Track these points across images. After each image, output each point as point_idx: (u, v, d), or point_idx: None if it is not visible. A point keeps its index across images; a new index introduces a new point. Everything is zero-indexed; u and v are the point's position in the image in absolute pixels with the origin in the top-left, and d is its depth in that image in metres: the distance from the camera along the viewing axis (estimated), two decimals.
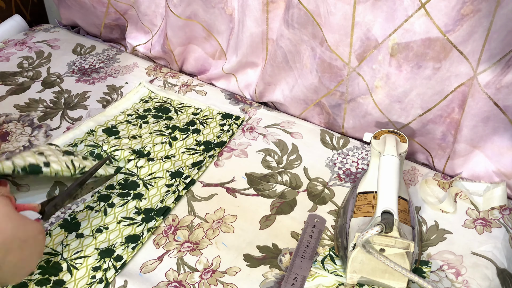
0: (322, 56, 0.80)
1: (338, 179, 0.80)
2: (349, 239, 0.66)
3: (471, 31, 0.65)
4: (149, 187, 0.77)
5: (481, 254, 0.68)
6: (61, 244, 0.69)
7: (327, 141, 0.87)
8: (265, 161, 0.83)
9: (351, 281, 0.64)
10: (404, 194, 0.70)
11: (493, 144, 0.74)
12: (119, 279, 0.65)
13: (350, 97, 0.82)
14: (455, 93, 0.73)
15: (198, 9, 0.93)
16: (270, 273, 0.66)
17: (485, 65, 0.67)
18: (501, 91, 0.67)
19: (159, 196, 0.75)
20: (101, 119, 0.90)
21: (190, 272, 0.66)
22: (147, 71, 1.04)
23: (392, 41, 0.71)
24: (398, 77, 0.74)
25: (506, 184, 0.75)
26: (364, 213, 0.67)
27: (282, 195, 0.77)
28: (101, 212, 0.73)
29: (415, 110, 0.77)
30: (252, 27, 0.86)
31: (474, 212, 0.74)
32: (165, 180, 0.78)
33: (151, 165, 0.80)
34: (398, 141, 0.69)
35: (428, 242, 0.70)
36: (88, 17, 1.14)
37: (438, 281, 0.65)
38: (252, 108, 0.94)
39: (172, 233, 0.71)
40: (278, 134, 0.88)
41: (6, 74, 1.02)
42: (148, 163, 0.81)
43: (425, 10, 0.66)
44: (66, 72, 1.03)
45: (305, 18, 0.77)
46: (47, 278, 0.64)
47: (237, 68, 0.96)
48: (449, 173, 0.82)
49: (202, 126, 0.88)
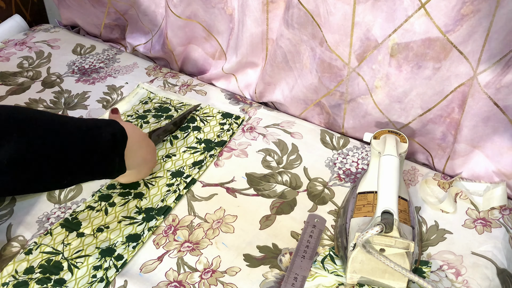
0: (322, 56, 0.80)
1: (338, 179, 0.80)
2: (349, 239, 0.66)
3: (471, 31, 0.65)
4: (150, 187, 0.77)
5: (481, 254, 0.68)
6: (62, 243, 0.69)
7: (327, 141, 0.87)
8: (265, 161, 0.83)
9: (351, 281, 0.64)
10: (404, 194, 0.70)
11: (493, 144, 0.74)
12: (119, 279, 0.65)
13: (350, 97, 0.82)
14: (455, 93, 0.73)
15: (198, 9, 0.93)
16: (270, 273, 0.66)
17: (485, 65, 0.67)
18: (501, 91, 0.67)
19: (160, 196, 0.75)
20: None
21: (190, 272, 0.66)
22: (147, 71, 1.04)
23: (392, 41, 0.71)
24: (398, 77, 0.74)
25: (506, 184, 0.75)
26: (364, 213, 0.67)
27: (282, 195, 0.77)
28: (102, 212, 0.73)
29: (415, 110, 0.77)
30: (252, 27, 0.86)
31: (474, 212, 0.74)
32: (165, 180, 0.78)
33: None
34: (398, 141, 0.69)
35: (428, 242, 0.70)
36: (88, 17, 1.14)
37: (438, 281, 0.65)
38: (252, 108, 0.94)
39: (172, 233, 0.71)
40: (278, 134, 0.88)
41: (6, 74, 1.02)
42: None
43: (425, 10, 0.66)
44: (66, 72, 1.03)
45: (304, 18, 0.77)
46: (48, 277, 0.64)
47: (237, 68, 0.96)
48: (449, 173, 0.82)
49: (202, 124, 0.89)
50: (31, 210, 0.74)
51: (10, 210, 0.74)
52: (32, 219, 0.73)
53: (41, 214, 0.74)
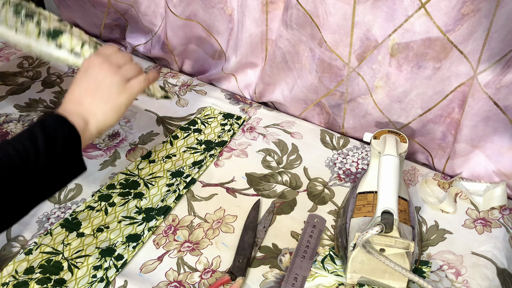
0: (322, 57, 0.80)
1: (338, 179, 0.80)
2: (349, 239, 0.66)
3: (471, 30, 0.65)
4: (150, 187, 0.77)
5: (481, 254, 0.68)
6: (62, 243, 0.69)
7: (327, 141, 0.87)
8: (265, 161, 0.83)
9: (351, 281, 0.64)
10: (404, 194, 0.70)
11: (493, 144, 0.74)
12: (119, 279, 0.65)
13: (350, 97, 0.82)
14: (455, 92, 0.73)
15: (198, 9, 0.93)
16: (270, 273, 0.66)
17: (485, 64, 0.67)
18: (501, 90, 0.67)
19: (160, 196, 0.75)
20: None
21: (190, 272, 0.66)
22: (147, 71, 1.04)
23: (392, 41, 0.71)
24: (398, 77, 0.74)
25: (506, 184, 0.75)
26: (364, 213, 0.67)
27: (282, 195, 0.77)
28: (102, 212, 0.73)
29: (415, 110, 0.77)
30: (252, 27, 0.86)
31: (474, 212, 0.74)
32: (165, 180, 0.78)
33: (152, 166, 0.80)
34: (398, 141, 0.69)
35: (428, 242, 0.70)
36: (88, 17, 1.14)
37: (438, 281, 0.65)
38: (252, 108, 0.94)
39: (172, 233, 0.71)
40: (278, 134, 0.88)
41: (6, 74, 1.02)
42: (149, 165, 0.81)
43: (425, 10, 0.66)
44: (66, 72, 1.03)
45: (303, 19, 0.77)
46: (48, 277, 0.64)
47: (237, 68, 0.96)
48: (449, 173, 0.82)
49: (203, 126, 0.88)
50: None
51: None
52: (32, 219, 0.73)
53: (41, 214, 0.74)
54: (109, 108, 0.59)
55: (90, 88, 0.59)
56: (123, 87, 0.60)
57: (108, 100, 0.59)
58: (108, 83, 0.60)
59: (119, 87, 0.60)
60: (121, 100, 0.60)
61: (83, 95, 0.59)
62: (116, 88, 0.60)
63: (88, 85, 0.59)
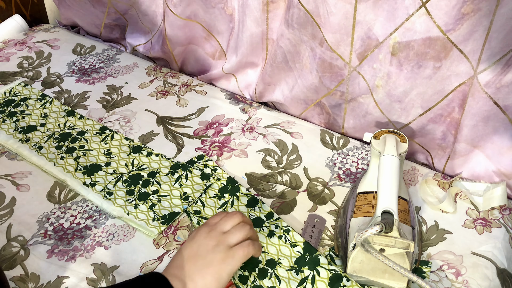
0: (322, 56, 0.80)
1: (338, 179, 0.80)
2: (349, 239, 0.66)
3: (471, 30, 0.65)
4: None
5: (481, 254, 0.68)
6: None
7: (327, 141, 0.87)
8: (265, 161, 0.83)
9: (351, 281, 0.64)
10: (404, 194, 0.70)
11: (493, 144, 0.74)
12: (119, 279, 0.65)
13: (350, 96, 0.82)
14: (455, 92, 0.73)
15: (198, 9, 0.93)
16: None
17: (485, 64, 0.67)
18: (501, 90, 0.67)
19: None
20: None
21: None
22: (147, 71, 1.04)
23: (393, 40, 0.71)
24: (398, 76, 0.74)
25: (506, 184, 0.75)
26: (364, 213, 0.67)
27: (282, 195, 0.77)
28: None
29: (415, 110, 0.77)
30: (252, 27, 0.86)
31: (474, 212, 0.74)
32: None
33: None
34: (398, 141, 0.69)
35: (428, 242, 0.70)
36: (88, 17, 1.14)
37: (438, 281, 0.65)
38: (252, 108, 0.94)
39: (172, 233, 0.71)
40: (278, 134, 0.88)
41: (6, 74, 1.02)
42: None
43: (426, 9, 0.66)
44: (66, 72, 1.03)
45: (304, 18, 0.77)
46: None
47: (237, 68, 0.96)
48: (449, 173, 0.82)
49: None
50: (31, 210, 0.74)
51: (10, 210, 0.74)
52: (32, 219, 0.73)
53: (41, 214, 0.74)
54: (209, 273, 0.59)
55: (192, 254, 0.60)
56: (225, 253, 0.60)
57: (208, 266, 0.59)
58: (209, 249, 0.60)
59: (220, 253, 0.60)
60: (222, 266, 0.59)
61: (185, 260, 0.60)
62: (217, 254, 0.60)
63: (191, 251, 0.61)
